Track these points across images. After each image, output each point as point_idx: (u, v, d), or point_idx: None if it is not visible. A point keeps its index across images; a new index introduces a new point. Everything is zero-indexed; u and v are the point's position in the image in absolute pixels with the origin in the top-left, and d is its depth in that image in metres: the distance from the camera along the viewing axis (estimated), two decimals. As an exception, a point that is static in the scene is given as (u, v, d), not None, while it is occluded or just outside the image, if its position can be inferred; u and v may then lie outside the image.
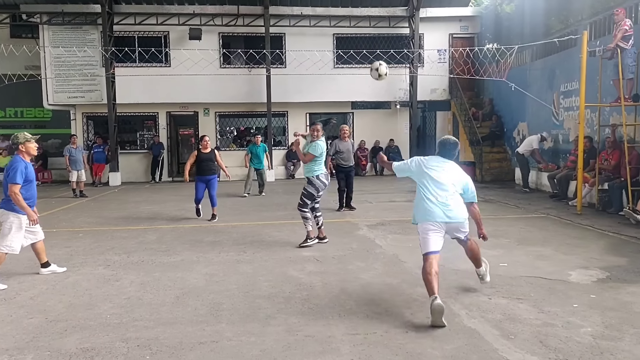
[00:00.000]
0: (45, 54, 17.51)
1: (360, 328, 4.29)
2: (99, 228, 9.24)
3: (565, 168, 12.12)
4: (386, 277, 5.77)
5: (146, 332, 4.27)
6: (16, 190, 5.62)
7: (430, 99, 19.96)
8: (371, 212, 10.67)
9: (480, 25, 19.15)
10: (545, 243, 7.39)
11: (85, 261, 6.75)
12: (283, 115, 19.80)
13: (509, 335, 4.08)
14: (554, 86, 13.85)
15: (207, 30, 17.88)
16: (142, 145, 19.45)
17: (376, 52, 15.76)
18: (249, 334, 4.20)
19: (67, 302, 5.08)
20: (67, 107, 18.57)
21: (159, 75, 17.41)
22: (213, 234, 8.48)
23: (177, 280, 5.80)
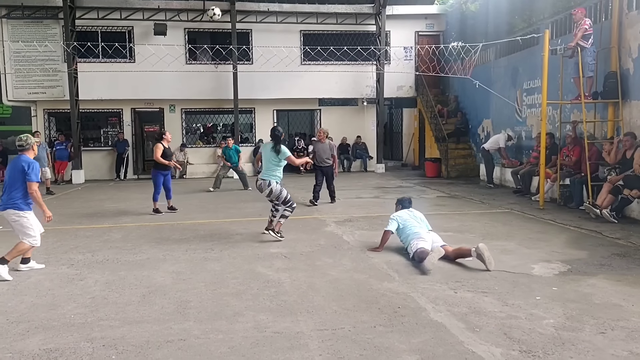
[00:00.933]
0: (4, 49, 16.99)
1: (329, 323, 4.31)
2: (62, 227, 9.01)
3: (528, 164, 12.40)
4: (354, 273, 5.81)
5: (112, 332, 4.19)
6: (36, 188, 5.92)
7: (397, 96, 20.16)
8: (338, 208, 10.72)
9: (446, 23, 19.42)
10: (509, 237, 7.55)
11: (47, 260, 6.59)
12: (250, 112, 19.70)
13: (474, 328, 4.16)
14: (517, 84, 14.15)
15: (172, 25, 17.64)
16: (107, 142, 19.07)
17: (343, 49, 15.84)
18: (217, 332, 4.17)
19: (29, 303, 4.96)
20: (28, 103, 18.07)
21: (123, 71, 17.09)
22: (180, 232, 8.39)
23: (143, 278, 5.72)
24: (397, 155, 22.86)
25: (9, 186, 5.95)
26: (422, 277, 5.56)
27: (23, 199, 5.94)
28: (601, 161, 9.95)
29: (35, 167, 5.97)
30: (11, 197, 5.90)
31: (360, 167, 19.80)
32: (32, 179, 5.87)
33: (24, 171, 5.87)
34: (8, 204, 5.92)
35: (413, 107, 20.86)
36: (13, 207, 5.90)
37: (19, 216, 5.92)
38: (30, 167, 5.89)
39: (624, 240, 7.23)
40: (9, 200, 5.91)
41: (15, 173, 5.93)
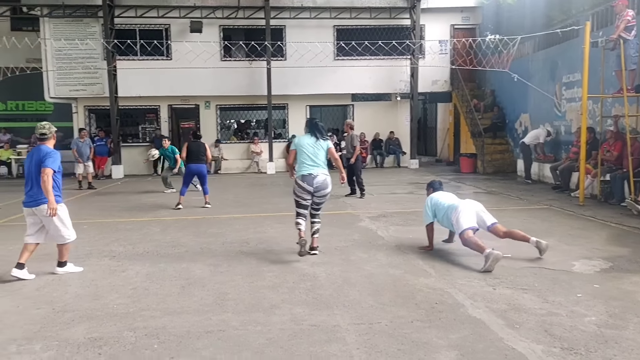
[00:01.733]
0: (46, 47, 17.48)
1: (365, 318, 4.31)
2: (103, 220, 9.26)
3: (567, 159, 12.13)
4: (389, 268, 5.80)
5: (153, 322, 4.30)
6: (49, 174, 5.38)
7: (432, 91, 19.96)
8: (372, 204, 10.70)
9: (482, 16, 19.10)
10: (549, 234, 7.40)
11: (90, 252, 6.78)
12: (283, 107, 19.79)
13: (514, 324, 4.10)
14: (556, 77, 13.84)
15: (207, 22, 17.86)
16: (144, 138, 19.45)
17: (377, 44, 15.74)
18: (255, 323, 4.23)
19: (73, 293, 5.11)
20: (69, 100, 18.56)
21: (160, 68, 17.41)
22: (216, 226, 8.51)
23: (182, 270, 5.83)
24: (431, 151, 22.64)
25: (36, 179, 5.49)
26: (459, 273, 5.51)
27: (55, 191, 5.52)
28: (644, 156, 9.67)
29: (55, 155, 5.51)
30: (41, 191, 5.44)
31: (393, 162, 19.69)
32: (47, 164, 5.39)
33: (45, 157, 5.45)
34: (40, 199, 5.48)
35: (448, 101, 20.61)
36: (46, 201, 5.45)
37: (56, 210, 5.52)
38: (48, 155, 5.46)
39: (669, 238, 7.02)
40: (40, 194, 5.46)
41: (38, 164, 5.48)
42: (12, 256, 6.08)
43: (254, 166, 18.86)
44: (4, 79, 14.63)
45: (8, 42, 14.38)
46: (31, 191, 5.54)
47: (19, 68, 14.55)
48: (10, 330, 4.19)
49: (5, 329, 4.22)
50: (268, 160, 18.33)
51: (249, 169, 19.04)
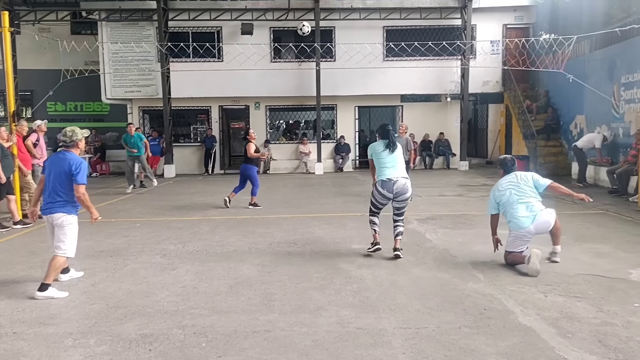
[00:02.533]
0: (103, 50, 18.15)
1: (412, 322, 4.28)
2: (155, 218, 9.53)
3: (625, 162, 11.65)
4: (437, 272, 5.72)
5: (202, 320, 4.39)
6: (84, 191, 5.25)
7: (483, 91, 19.56)
8: (421, 206, 10.57)
9: (536, 15, 18.57)
10: (604, 240, 7.14)
11: (142, 250, 6.99)
12: (332, 108, 19.83)
13: (566, 333, 3.98)
14: (614, 77, 13.31)
15: (258, 25, 18.09)
16: (196, 138, 19.89)
17: (427, 44, 15.56)
18: (301, 325, 4.26)
19: (126, 290, 5.29)
20: (124, 101, 19.22)
21: (212, 70, 17.76)
22: (264, 226, 8.61)
23: (230, 270, 5.93)
24: (482, 153, 22.17)
25: (55, 187, 5.23)
26: (509, 279, 5.39)
27: (72, 202, 5.28)
28: None
29: (83, 166, 5.24)
30: (59, 200, 5.22)
31: (442, 164, 19.41)
32: (78, 181, 5.17)
33: (70, 172, 5.19)
34: (55, 207, 5.22)
35: (499, 102, 20.14)
36: (63, 210, 5.22)
37: (67, 222, 5.25)
38: (76, 168, 5.18)
39: None
40: (57, 203, 5.22)
41: (62, 172, 5.22)
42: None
43: (302, 166, 18.99)
44: (65, 81, 15.25)
45: (68, 45, 14.99)
46: (48, 197, 5.26)
47: (77, 70, 15.13)
48: (67, 324, 4.38)
49: (62, 323, 4.41)
50: (316, 161, 18.40)
51: (297, 169, 19.17)
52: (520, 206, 5.84)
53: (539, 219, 5.79)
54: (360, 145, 20.31)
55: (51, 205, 5.22)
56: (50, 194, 5.24)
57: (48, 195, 5.26)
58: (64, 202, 5.24)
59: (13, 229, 8.56)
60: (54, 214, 5.21)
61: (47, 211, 5.25)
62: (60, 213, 5.21)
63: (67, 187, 5.23)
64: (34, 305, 4.85)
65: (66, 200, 5.24)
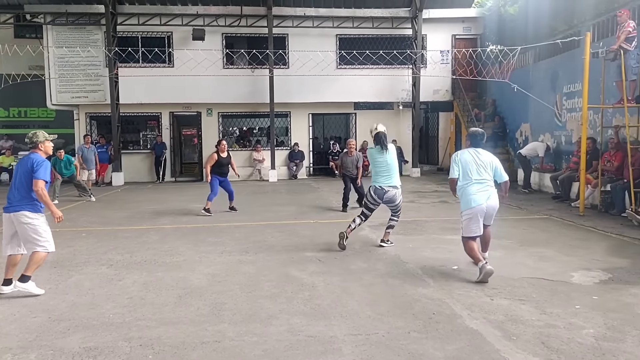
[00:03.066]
0: (49, 54, 17.56)
1: (363, 328, 4.30)
2: (102, 228, 9.26)
3: (568, 169, 12.11)
4: (388, 278, 5.78)
5: (149, 332, 4.28)
6: (42, 186, 5.27)
7: (433, 100, 19.98)
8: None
9: (484, 26, 19.14)
10: (548, 244, 7.39)
11: (88, 261, 6.77)
12: (286, 115, 19.82)
13: (511, 336, 4.08)
14: (557, 87, 13.84)
15: (210, 30, 17.90)
16: (145, 145, 19.47)
17: (379, 53, 15.78)
18: (251, 334, 4.21)
19: (70, 302, 5.10)
20: (71, 107, 18.60)
21: (162, 76, 17.44)
22: (215, 234, 8.50)
23: (180, 280, 5.82)
24: (433, 160, 22.63)
25: (18, 186, 5.35)
26: (457, 284, 5.49)
27: (35, 200, 5.35)
28: (645, 167, 9.64)
29: (44, 165, 5.34)
30: (22, 198, 5.31)
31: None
32: (38, 175, 5.24)
33: (31, 170, 5.29)
34: (20, 205, 5.30)
35: (449, 110, 20.62)
36: (26, 208, 5.30)
37: (31, 219, 5.30)
38: (37, 165, 5.28)
39: (669, 249, 6.99)
40: (21, 201, 5.30)
41: (24, 172, 5.35)
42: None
43: (256, 174, 18.87)
44: (7, 86, 14.68)
45: (10, 49, 14.44)
46: (10, 195, 5.37)
47: (21, 75, 14.60)
48: (6, 338, 4.18)
49: (0, 337, 4.21)
50: (270, 168, 18.32)
51: (251, 176, 19.03)
52: (475, 185, 5.86)
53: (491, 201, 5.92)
54: (314, 152, 20.37)
55: (14, 202, 5.34)
56: (12, 191, 5.39)
57: (10, 193, 5.40)
58: (30, 199, 5.34)
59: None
60: (20, 211, 5.31)
61: (10, 209, 5.34)
62: (26, 211, 5.32)
63: (28, 186, 5.32)
64: (-30, 320, 4.62)
65: (32, 198, 5.34)
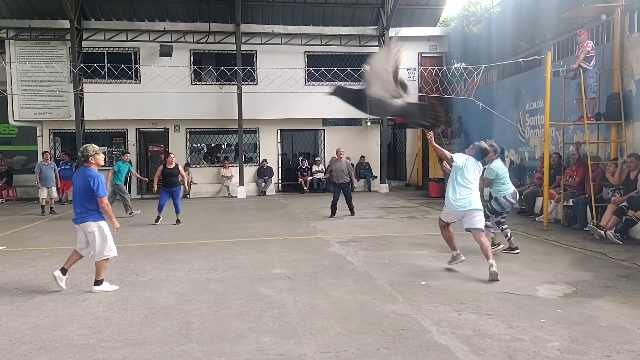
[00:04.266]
0: (11, 70, 17.18)
1: (332, 346, 4.28)
2: (66, 247, 8.96)
3: (531, 184, 12.38)
4: (358, 294, 5.78)
5: (114, 353, 4.18)
6: (106, 201, 6.05)
7: (401, 117, 20.19)
8: (342, 228, 10.70)
9: (449, 45, 19.54)
10: (513, 259, 7.52)
11: (51, 281, 6.55)
12: (254, 131, 19.78)
13: (479, 350, 4.12)
14: (520, 105, 14.20)
15: (178, 47, 17.83)
16: (111, 161, 19.09)
17: (347, 70, 15.95)
18: (220, 354, 4.15)
19: (32, 323, 4.95)
20: (34, 123, 18.19)
21: (129, 92, 17.23)
22: (182, 252, 8.38)
23: (146, 299, 5.71)
24: (401, 175, 22.86)
25: (79, 198, 6.02)
26: (426, 299, 5.53)
27: (98, 210, 6.04)
28: (605, 182, 9.92)
29: (100, 180, 5.99)
30: (84, 209, 6.00)
31: (364, 186, 19.78)
32: (99, 194, 5.94)
33: (89, 187, 5.94)
34: (84, 217, 6.01)
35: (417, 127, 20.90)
36: (89, 219, 6.00)
37: (98, 227, 6.03)
38: (94, 183, 5.94)
39: (629, 262, 7.19)
40: (83, 213, 6.01)
41: (83, 186, 5.99)
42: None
43: (225, 190, 18.73)
44: (-34, 102, 14.30)
45: (-29, 64, 14.09)
46: (77, 209, 6.06)
47: (-18, 91, 14.26)
48: (-37, 364, 4.03)
49: (-43, 362, 4.06)
50: (239, 185, 18.22)
51: (219, 193, 18.89)
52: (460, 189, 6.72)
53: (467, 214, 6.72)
54: (283, 168, 20.36)
55: (80, 215, 6.04)
56: (77, 205, 6.06)
57: (75, 206, 6.08)
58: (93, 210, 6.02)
59: None
60: (84, 223, 6.03)
61: (78, 220, 6.07)
62: (92, 221, 6.02)
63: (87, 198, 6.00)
64: None
65: (95, 209, 6.03)
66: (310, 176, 19.63)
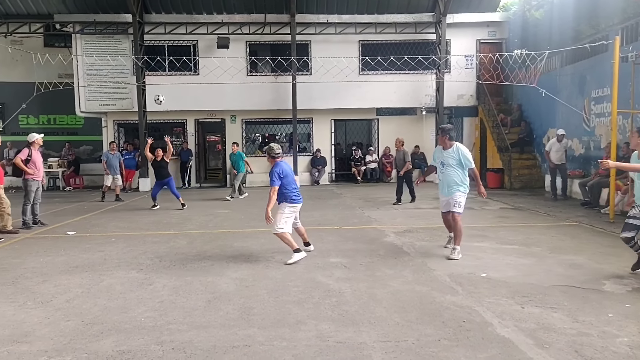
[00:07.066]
0: (78, 63, 17.94)
1: (392, 335, 4.28)
2: (131, 233, 9.39)
3: (596, 175, 11.91)
4: (415, 285, 5.75)
5: (180, 336, 4.33)
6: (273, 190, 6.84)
7: (457, 105, 19.83)
8: (398, 218, 10.64)
9: (508, 30, 18.98)
10: (578, 251, 7.27)
11: (118, 265, 6.87)
12: (308, 121, 19.89)
13: (544, 344, 4.03)
14: (585, 92, 13.65)
15: (234, 38, 18.12)
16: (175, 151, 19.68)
17: (403, 59, 15.76)
18: (281, 339, 4.23)
19: (102, 305, 5.19)
20: (99, 114, 18.98)
21: (188, 84, 17.69)
22: (241, 239, 8.56)
23: (208, 284, 5.87)
24: (457, 165, 22.45)
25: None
26: (487, 291, 5.44)
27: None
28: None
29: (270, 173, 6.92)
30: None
31: (418, 176, 19.51)
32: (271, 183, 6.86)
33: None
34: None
35: (474, 116, 20.45)
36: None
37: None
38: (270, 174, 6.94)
39: None
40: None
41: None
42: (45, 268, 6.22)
43: (279, 180, 18.91)
44: (38, 94, 15.01)
45: (42, 58, 14.78)
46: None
47: (52, 83, 14.91)
48: (41, 341, 4.27)
49: (36, 340, 4.30)
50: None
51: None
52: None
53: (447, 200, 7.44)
54: (336, 158, 20.38)
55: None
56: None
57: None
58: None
59: (-17, 245, 8.36)
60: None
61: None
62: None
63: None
64: (7, 322, 4.73)
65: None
66: (363, 166, 19.57)
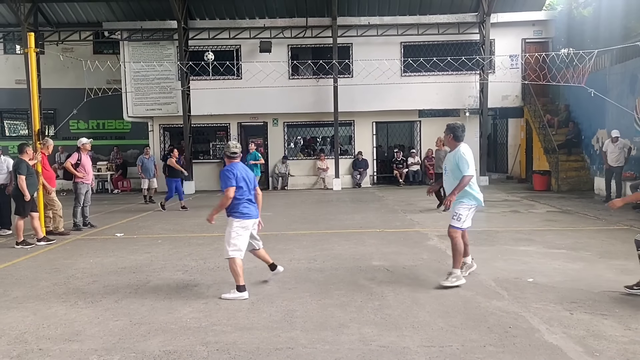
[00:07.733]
0: (125, 69, 18.48)
1: (436, 340, 4.23)
2: (176, 235, 9.59)
3: (649, 177, 11.47)
4: (460, 289, 5.65)
5: (224, 337, 4.39)
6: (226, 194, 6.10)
7: (502, 106, 19.45)
8: (441, 222, 10.48)
9: (555, 29, 18.49)
10: (630, 256, 6.98)
11: (164, 266, 7.04)
12: (349, 124, 19.88)
13: (594, 352, 3.90)
14: (636, 91, 13.16)
15: (276, 42, 18.29)
16: (215, 154, 20.06)
17: (446, 59, 15.58)
18: (323, 342, 4.23)
19: (149, 306, 5.32)
20: (145, 119, 19.51)
21: (231, 88, 17.97)
22: (283, 242, 8.62)
23: (251, 286, 5.93)
24: (502, 168, 22.03)
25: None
26: (534, 297, 5.30)
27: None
28: None
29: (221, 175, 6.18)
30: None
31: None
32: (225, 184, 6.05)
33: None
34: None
35: (519, 117, 20.02)
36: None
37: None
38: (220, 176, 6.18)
39: None
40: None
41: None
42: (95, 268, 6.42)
43: (320, 182, 19.03)
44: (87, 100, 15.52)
45: (92, 65, 15.29)
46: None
47: (100, 89, 15.38)
48: (91, 340, 4.41)
49: (86, 339, 4.45)
50: (334, 177, 18.42)
51: (315, 185, 19.21)
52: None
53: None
54: (378, 161, 20.30)
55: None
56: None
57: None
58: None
59: (37, 246, 8.68)
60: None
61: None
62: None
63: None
64: (59, 321, 4.91)
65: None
66: (405, 168, 19.42)
